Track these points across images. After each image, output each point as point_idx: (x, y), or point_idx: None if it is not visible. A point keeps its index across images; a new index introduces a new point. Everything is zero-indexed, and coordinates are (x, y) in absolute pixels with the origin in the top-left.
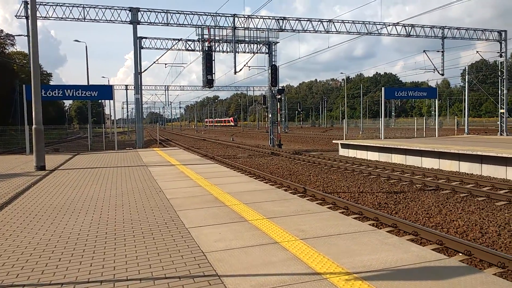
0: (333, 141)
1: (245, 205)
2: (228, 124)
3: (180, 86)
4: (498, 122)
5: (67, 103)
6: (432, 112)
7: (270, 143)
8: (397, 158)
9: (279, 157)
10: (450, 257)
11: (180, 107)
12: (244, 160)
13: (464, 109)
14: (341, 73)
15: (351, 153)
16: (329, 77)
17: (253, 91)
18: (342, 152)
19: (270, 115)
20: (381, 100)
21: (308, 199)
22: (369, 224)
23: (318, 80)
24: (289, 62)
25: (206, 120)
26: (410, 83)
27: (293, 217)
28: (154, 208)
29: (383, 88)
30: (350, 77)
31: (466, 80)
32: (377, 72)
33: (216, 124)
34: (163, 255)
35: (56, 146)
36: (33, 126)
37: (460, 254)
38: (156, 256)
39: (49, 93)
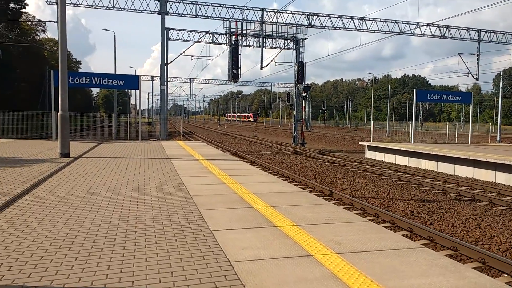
0: (360, 143)
1: (272, 208)
2: (248, 119)
3: (205, 79)
4: None
5: (95, 91)
6: (462, 118)
7: (294, 141)
8: (428, 164)
9: (303, 156)
10: (494, 278)
11: (204, 100)
12: (267, 157)
13: (496, 115)
14: (369, 73)
15: (379, 156)
16: (355, 76)
17: (278, 87)
18: (369, 154)
19: (294, 113)
20: (414, 103)
21: (334, 203)
22: (403, 235)
23: (344, 80)
24: (316, 60)
25: (227, 114)
26: (440, 87)
27: (326, 226)
28: (177, 205)
29: (415, 90)
30: (377, 78)
31: (500, 86)
32: (405, 74)
33: (236, 119)
34: (186, 262)
35: (82, 133)
36: (59, 113)
37: (505, 275)
38: (178, 262)
39: (77, 80)
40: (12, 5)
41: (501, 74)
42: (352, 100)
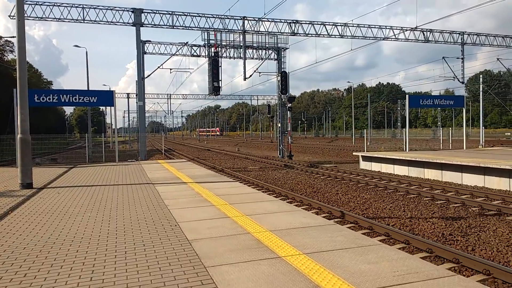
0: (354, 153)
1: (308, 258)
2: (215, 133)
3: (183, 94)
4: None
5: (68, 111)
6: (439, 123)
7: (280, 154)
8: (431, 174)
9: (294, 170)
10: None
11: (182, 116)
12: (257, 173)
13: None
14: (348, 81)
15: (375, 166)
16: (330, 87)
17: (257, 100)
18: (364, 165)
19: (279, 124)
20: (406, 109)
21: (349, 227)
22: (448, 269)
23: (320, 90)
24: (294, 71)
25: (198, 130)
26: (413, 93)
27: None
28: (172, 260)
29: (407, 95)
30: (352, 87)
31: (481, 89)
32: (380, 82)
33: (206, 133)
34: None
35: (54, 156)
36: (18, 136)
37: None
38: None
39: (42, 99)
40: None
41: (480, 77)
42: (330, 110)
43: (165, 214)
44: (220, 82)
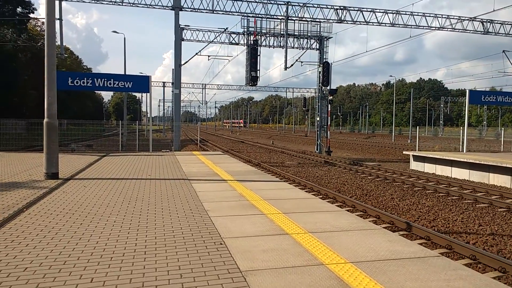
0: (404, 152)
1: None
2: (239, 125)
3: (217, 85)
4: None
5: (106, 98)
6: (484, 122)
7: (317, 149)
8: (497, 180)
9: (336, 167)
10: None
11: (215, 107)
12: (296, 169)
13: None
14: (390, 76)
15: (428, 167)
16: (367, 81)
17: (293, 92)
18: (415, 165)
19: (318, 118)
20: (466, 105)
21: (420, 243)
22: None
23: (356, 84)
24: (332, 64)
25: (224, 121)
26: (456, 91)
27: None
28: None
29: (467, 90)
30: (391, 82)
31: None
32: (420, 78)
33: (231, 125)
34: None
35: (90, 142)
36: (45, 120)
37: None
38: None
39: (76, 82)
40: (19, 9)
41: None
42: (367, 105)
43: (206, 224)
44: (258, 72)
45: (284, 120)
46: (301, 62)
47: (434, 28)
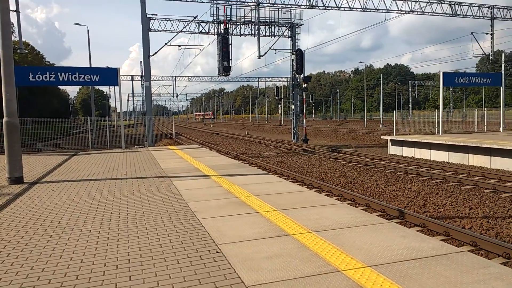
0: (382, 137)
1: None
2: (209, 116)
3: (188, 77)
4: None
5: (72, 95)
6: (450, 105)
7: (293, 138)
8: (477, 160)
9: (315, 156)
10: None
11: (187, 100)
12: (276, 159)
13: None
14: (360, 62)
15: (406, 151)
16: (336, 69)
17: (265, 82)
18: (394, 150)
19: (293, 107)
20: (440, 87)
21: (417, 230)
22: None
23: (326, 72)
24: (313, 48)
25: (195, 114)
26: (422, 75)
27: None
28: None
29: (441, 72)
30: (359, 69)
31: (503, 67)
32: (387, 63)
33: (201, 117)
34: None
35: (58, 141)
36: (4, 119)
37: None
38: None
39: (38, 77)
40: None
41: (503, 54)
42: (338, 92)
43: (196, 228)
44: (230, 61)
45: (257, 110)
46: (275, 49)
47: (404, 12)
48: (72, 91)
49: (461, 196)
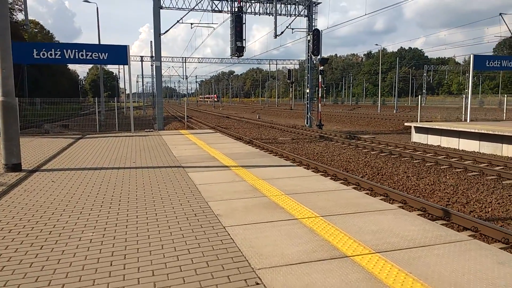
0: (406, 124)
1: None
2: (213, 100)
3: (198, 58)
4: None
5: (82, 75)
6: (466, 90)
7: (307, 123)
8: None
9: (333, 142)
10: None
11: (196, 82)
12: (291, 146)
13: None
14: (376, 44)
15: (432, 139)
16: (348, 52)
17: (276, 64)
18: (418, 138)
19: (307, 90)
20: (470, 71)
21: (469, 235)
22: None
23: (337, 55)
24: (331, 28)
25: (200, 96)
26: (436, 59)
27: None
28: None
29: (471, 55)
30: (372, 52)
31: None
32: (401, 47)
33: (205, 100)
34: None
35: (66, 122)
36: (0, 99)
37: None
38: None
39: (43, 54)
40: None
41: None
42: (351, 75)
43: (223, 240)
44: (244, 41)
45: (267, 94)
46: (292, 29)
47: None
48: (82, 71)
49: (506, 192)
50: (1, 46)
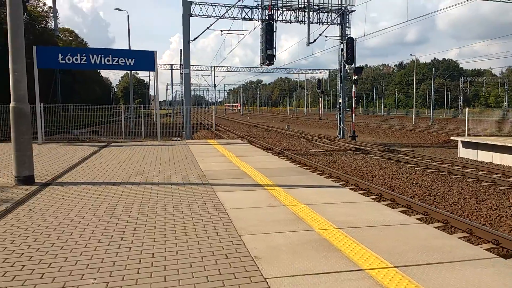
0: (452, 138)
1: None
2: (237, 108)
3: (227, 67)
4: None
5: (114, 83)
6: (505, 103)
7: (339, 134)
8: None
9: (371, 155)
10: None
11: (224, 90)
12: (326, 158)
13: None
14: (410, 54)
15: (483, 156)
16: (378, 63)
17: (305, 74)
18: (465, 153)
19: (340, 100)
20: None
21: None
22: None
23: (368, 65)
24: (362, 37)
25: (225, 105)
26: (472, 71)
27: None
28: None
29: None
30: (403, 63)
31: None
32: (435, 58)
33: (230, 108)
34: None
35: (97, 128)
36: (11, 104)
37: None
38: None
39: (69, 59)
40: None
41: None
42: (383, 86)
43: None
44: (274, 50)
45: (295, 103)
46: (326, 36)
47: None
48: (115, 79)
49: None
50: (13, 45)
